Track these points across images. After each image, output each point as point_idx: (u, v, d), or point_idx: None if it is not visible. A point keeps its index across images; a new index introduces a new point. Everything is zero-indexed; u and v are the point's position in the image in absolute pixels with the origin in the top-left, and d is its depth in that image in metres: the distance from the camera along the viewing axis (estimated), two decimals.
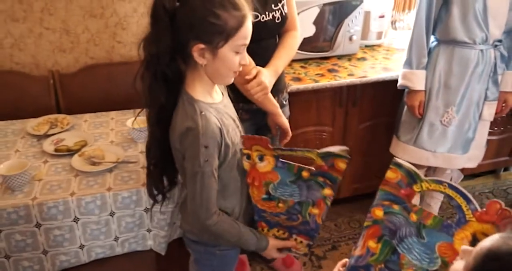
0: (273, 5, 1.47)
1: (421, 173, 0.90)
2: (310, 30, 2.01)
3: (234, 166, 1.12)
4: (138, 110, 1.12)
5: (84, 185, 1.37)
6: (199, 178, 1.01)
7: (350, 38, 2.09)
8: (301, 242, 1.23)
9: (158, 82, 1.01)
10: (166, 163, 1.13)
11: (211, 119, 1.01)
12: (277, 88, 1.56)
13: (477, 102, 1.83)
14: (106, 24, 2.02)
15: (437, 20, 1.74)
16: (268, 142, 1.07)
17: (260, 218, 1.20)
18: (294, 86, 1.86)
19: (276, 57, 1.47)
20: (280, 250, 1.23)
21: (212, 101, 1.08)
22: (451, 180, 2.18)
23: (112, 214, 1.38)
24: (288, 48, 1.55)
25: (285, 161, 1.10)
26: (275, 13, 1.48)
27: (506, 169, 2.79)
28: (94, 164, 1.46)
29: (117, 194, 1.36)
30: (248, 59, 1.09)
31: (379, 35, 2.25)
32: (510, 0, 1.67)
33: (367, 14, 2.13)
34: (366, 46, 2.27)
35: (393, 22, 2.34)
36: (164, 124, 1.07)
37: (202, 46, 0.98)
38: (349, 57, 2.17)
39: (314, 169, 1.08)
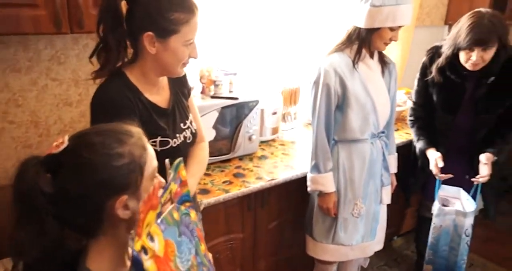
0: (182, 124, 1.31)
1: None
2: (210, 135, 1.87)
3: None
4: None
5: None
6: None
7: (250, 138, 2.02)
8: None
9: None
10: None
11: None
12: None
13: (377, 189, 1.92)
14: None
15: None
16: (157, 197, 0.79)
17: None
18: (204, 200, 1.67)
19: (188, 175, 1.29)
20: None
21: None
22: (359, 268, 2.20)
23: None
24: (200, 164, 1.40)
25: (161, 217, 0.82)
26: (186, 133, 1.33)
27: (390, 239, 2.98)
28: None
29: None
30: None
31: (274, 131, 2.24)
32: (388, 97, 1.85)
33: (261, 112, 2.11)
34: (262, 142, 2.23)
35: (283, 116, 2.38)
36: None
37: (125, 197, 0.76)
38: (250, 157, 2.08)
39: (174, 203, 0.88)
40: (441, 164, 1.95)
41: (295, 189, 2.01)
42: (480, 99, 1.91)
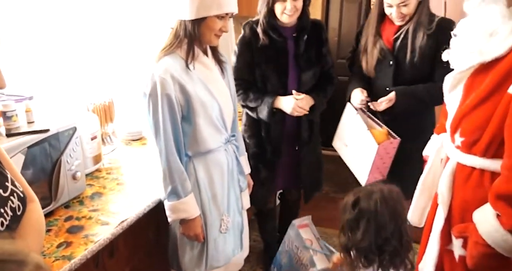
0: (1, 191, 0.86)
1: None
2: None
3: None
4: None
5: None
6: None
7: (74, 177, 1.55)
8: None
9: None
10: None
11: None
12: None
13: (237, 197, 1.81)
14: None
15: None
16: None
17: None
18: None
19: None
20: None
21: None
22: None
23: None
24: (35, 234, 0.96)
25: None
26: (12, 202, 0.92)
27: None
28: None
29: None
30: None
31: (96, 159, 1.79)
32: (230, 96, 1.71)
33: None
34: (86, 176, 1.76)
35: (103, 138, 1.94)
36: None
37: None
38: (78, 199, 1.60)
39: None
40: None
41: (147, 222, 1.67)
42: (301, 57, 2.00)
